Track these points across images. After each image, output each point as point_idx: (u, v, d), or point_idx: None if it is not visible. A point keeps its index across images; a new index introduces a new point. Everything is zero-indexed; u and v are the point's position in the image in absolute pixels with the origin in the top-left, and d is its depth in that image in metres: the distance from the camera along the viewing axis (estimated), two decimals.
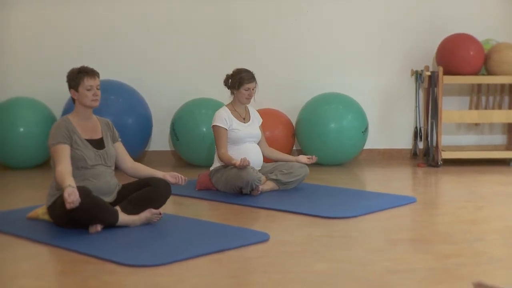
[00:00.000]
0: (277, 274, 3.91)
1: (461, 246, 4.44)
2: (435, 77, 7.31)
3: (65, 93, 7.23)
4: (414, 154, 7.71)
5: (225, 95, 7.15)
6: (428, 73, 7.40)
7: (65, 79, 7.48)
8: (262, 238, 4.60)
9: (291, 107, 7.66)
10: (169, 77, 7.76)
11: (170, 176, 5.09)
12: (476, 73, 7.32)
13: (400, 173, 7.17)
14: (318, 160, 7.39)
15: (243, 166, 5.76)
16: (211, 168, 6.11)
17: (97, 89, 4.98)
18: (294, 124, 7.59)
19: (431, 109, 7.38)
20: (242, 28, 7.75)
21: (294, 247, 4.46)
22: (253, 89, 6.10)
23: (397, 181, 6.80)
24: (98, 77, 5.03)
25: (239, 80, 6.06)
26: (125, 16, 7.72)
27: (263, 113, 7.46)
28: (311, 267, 4.02)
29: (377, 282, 3.78)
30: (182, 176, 5.11)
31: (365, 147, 7.86)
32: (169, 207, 5.50)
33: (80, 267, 4.05)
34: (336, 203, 5.59)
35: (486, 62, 7.36)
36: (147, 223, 4.91)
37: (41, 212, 5.05)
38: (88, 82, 4.94)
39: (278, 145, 7.26)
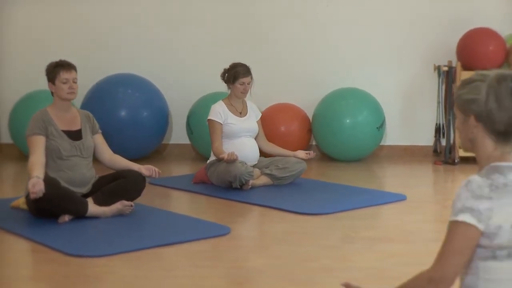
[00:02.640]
0: (207, 268, 3.93)
1: (417, 246, 4.34)
2: (453, 73, 7.12)
3: (85, 87, 7.44)
4: (435, 151, 7.52)
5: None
6: (446, 68, 7.21)
7: (84, 73, 7.71)
8: (221, 232, 4.61)
9: (309, 102, 7.60)
10: (187, 71, 7.82)
11: (145, 169, 5.16)
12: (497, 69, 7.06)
13: (413, 170, 7.03)
14: (333, 155, 7.36)
15: (230, 160, 5.78)
16: (207, 162, 6.15)
17: (74, 82, 5.09)
18: (310, 119, 7.53)
19: (449, 105, 7.19)
20: (261, 22, 7.74)
21: (245, 241, 4.47)
22: (248, 83, 6.10)
23: (405, 178, 6.67)
24: (75, 70, 5.13)
25: (234, 75, 6.08)
26: (144, 10, 7.82)
27: (280, 108, 7.47)
28: (247, 262, 4.03)
29: (304, 279, 3.75)
30: (156, 169, 5.17)
31: (386, 144, 7.73)
32: (153, 199, 5.58)
33: (23, 255, 4.19)
34: (322, 199, 5.54)
35: (508, 57, 7.11)
36: (119, 215, 4.98)
37: (22, 201, 5.20)
38: (64, 75, 5.05)
39: (293, 140, 7.23)
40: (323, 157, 7.60)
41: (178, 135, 7.92)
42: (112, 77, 7.45)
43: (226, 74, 6.14)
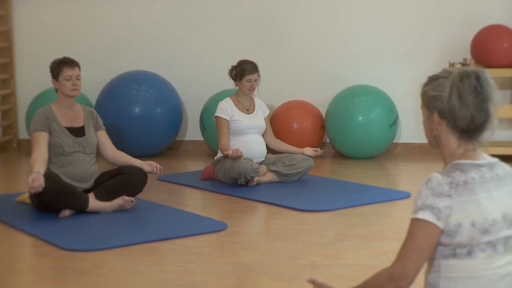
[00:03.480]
0: (196, 264, 3.96)
1: None
2: None
3: (101, 82, 7.53)
4: None
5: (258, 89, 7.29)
6: (459, 66, 7.14)
7: (100, 69, 7.80)
8: (218, 228, 4.64)
9: (322, 99, 7.59)
10: (202, 68, 7.86)
11: (146, 164, 5.21)
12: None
13: (425, 168, 6.96)
14: (346, 153, 7.35)
15: (235, 157, 5.80)
16: (215, 158, 6.18)
17: (77, 79, 5.16)
18: (324, 116, 7.51)
19: None
20: (276, 20, 7.75)
21: (240, 238, 4.48)
22: (255, 81, 6.12)
23: (415, 175, 6.63)
24: (79, 67, 5.20)
25: (240, 72, 6.10)
26: (159, 8, 7.88)
27: (293, 105, 7.48)
28: (236, 258, 4.04)
29: (289, 276, 3.76)
30: (158, 165, 5.22)
31: (400, 141, 7.69)
32: (158, 194, 5.63)
33: (18, 248, 4.26)
34: (325, 196, 5.54)
35: None
36: (120, 210, 5.04)
37: (26, 196, 5.28)
38: (67, 72, 5.12)
39: (306, 138, 7.24)
40: (337, 154, 7.59)
41: (192, 131, 7.97)
42: (127, 74, 7.52)
43: (233, 71, 6.16)
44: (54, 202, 4.86)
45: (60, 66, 5.15)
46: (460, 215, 2.35)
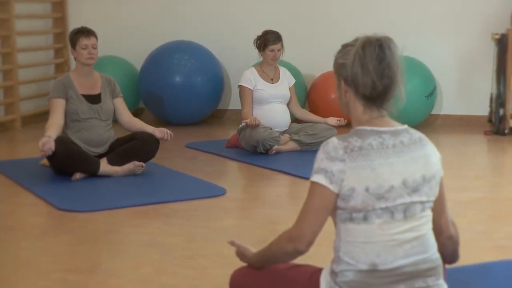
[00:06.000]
0: (174, 226, 4.11)
1: None
2: (505, 41, 6.90)
3: (145, 52, 7.74)
4: (489, 121, 7.33)
5: (300, 58, 7.34)
6: (497, 36, 6.99)
7: (143, 38, 8.02)
8: (216, 193, 4.78)
9: None
10: (247, 40, 7.95)
11: (158, 131, 5.37)
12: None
13: (460, 140, 6.85)
14: None
15: (253, 126, 5.90)
16: (239, 127, 6.28)
17: (93, 48, 5.34)
18: None
19: (500, 74, 6.97)
20: None
21: (232, 203, 4.60)
22: (278, 50, 6.18)
23: (444, 147, 6.56)
24: (95, 37, 5.38)
25: (264, 42, 6.18)
26: None
27: (331, 75, 7.46)
28: (216, 222, 4.17)
29: (260, 240, 3.81)
30: (169, 131, 5.37)
31: (441, 113, 7.61)
32: (178, 161, 5.80)
33: (18, 207, 4.52)
34: None
35: None
36: (130, 174, 5.23)
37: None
38: (83, 41, 5.32)
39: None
40: None
41: (236, 100, 8.08)
42: (169, 44, 7.70)
43: (257, 41, 6.24)
44: (65, 166, 5.09)
45: (77, 36, 5.35)
46: (353, 180, 2.38)
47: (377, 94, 2.50)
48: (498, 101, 6.94)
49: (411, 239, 2.44)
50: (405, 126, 2.56)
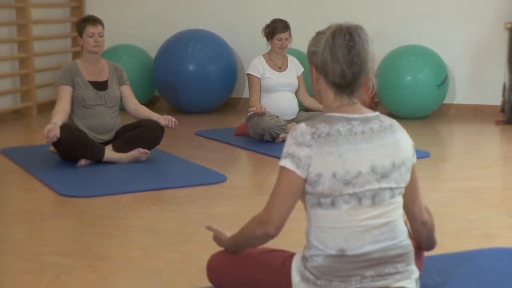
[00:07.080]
0: (169, 212, 4.17)
1: None
2: None
3: (160, 40, 7.80)
4: (502, 110, 7.29)
5: None
6: (509, 26, 6.94)
7: (158, 27, 8.08)
8: (217, 180, 4.83)
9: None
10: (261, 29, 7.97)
11: (163, 119, 5.43)
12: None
13: (469, 129, 6.83)
14: (394, 112, 7.32)
15: (259, 114, 5.93)
16: (247, 115, 6.32)
17: (100, 36, 5.41)
18: None
19: (510, 64, 6.93)
20: None
21: (230, 190, 4.64)
22: (286, 39, 6.20)
23: (451, 137, 6.56)
24: (102, 25, 5.44)
25: (272, 30, 6.20)
26: None
27: None
28: (211, 209, 4.22)
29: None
30: (173, 119, 5.43)
31: (454, 102, 7.58)
32: (185, 148, 5.86)
33: (22, 192, 4.62)
34: None
35: None
36: (135, 161, 5.30)
37: None
38: (90, 29, 5.39)
39: None
40: (386, 114, 7.54)
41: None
42: (184, 32, 7.75)
43: (266, 30, 6.26)
44: (70, 152, 5.18)
45: (84, 24, 5.42)
46: (320, 166, 2.42)
47: (346, 82, 2.52)
48: (511, 90, 6.90)
49: (380, 225, 2.47)
50: (376, 113, 2.58)
